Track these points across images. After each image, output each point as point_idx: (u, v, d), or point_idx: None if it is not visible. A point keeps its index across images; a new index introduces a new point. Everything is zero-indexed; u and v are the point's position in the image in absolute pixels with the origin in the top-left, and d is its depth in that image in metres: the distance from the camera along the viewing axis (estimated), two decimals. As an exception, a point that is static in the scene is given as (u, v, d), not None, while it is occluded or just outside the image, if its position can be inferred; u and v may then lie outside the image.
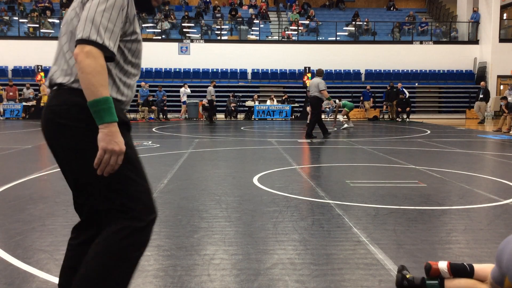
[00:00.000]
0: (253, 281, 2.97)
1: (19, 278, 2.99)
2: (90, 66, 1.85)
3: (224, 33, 26.91)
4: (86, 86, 1.86)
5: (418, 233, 4.02)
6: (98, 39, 1.88)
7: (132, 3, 2.05)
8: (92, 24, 1.89)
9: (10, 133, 14.28)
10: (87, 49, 1.87)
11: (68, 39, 2.04)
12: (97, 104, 1.86)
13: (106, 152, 1.89)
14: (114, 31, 1.93)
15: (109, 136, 1.89)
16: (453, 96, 25.38)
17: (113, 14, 1.93)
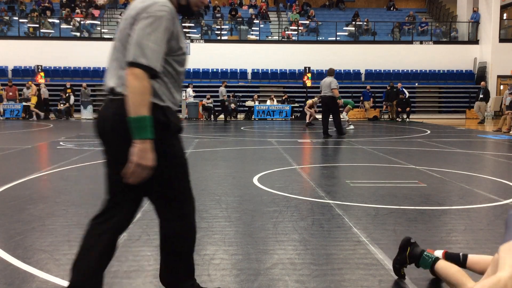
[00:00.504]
0: (253, 281, 2.97)
1: (19, 278, 2.99)
2: (135, 87, 2.12)
3: (224, 33, 26.91)
4: (130, 103, 2.14)
5: (418, 233, 4.02)
6: (144, 61, 2.14)
7: (176, 21, 2.28)
8: (140, 48, 2.14)
9: (10, 133, 14.28)
10: (135, 71, 2.13)
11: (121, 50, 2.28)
12: (135, 121, 2.13)
13: (137, 166, 2.16)
14: (159, 51, 2.18)
15: (142, 152, 2.15)
16: (453, 96, 25.38)
17: (158, 36, 2.18)
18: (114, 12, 28.78)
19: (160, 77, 2.25)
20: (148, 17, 2.18)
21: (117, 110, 2.24)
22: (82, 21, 26.26)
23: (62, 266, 3.18)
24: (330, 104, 13.12)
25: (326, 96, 13.11)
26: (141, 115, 2.13)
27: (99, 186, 6.03)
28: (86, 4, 27.95)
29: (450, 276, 2.64)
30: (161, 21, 2.19)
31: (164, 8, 2.21)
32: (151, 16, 2.18)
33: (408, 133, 14.79)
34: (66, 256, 3.38)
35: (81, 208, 4.82)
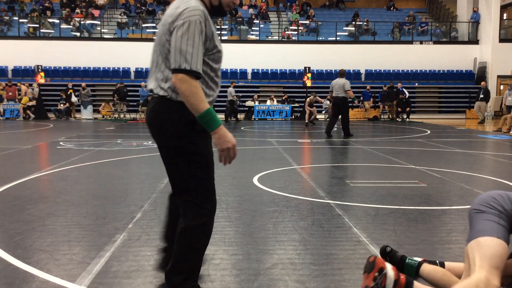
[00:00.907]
0: (253, 281, 2.97)
1: (19, 278, 2.99)
2: (186, 90, 2.31)
3: (224, 33, 26.90)
4: (190, 106, 2.34)
5: (418, 233, 4.02)
6: (186, 66, 2.32)
7: (209, 23, 2.42)
8: (180, 54, 2.32)
9: (10, 133, 14.28)
10: (180, 77, 2.32)
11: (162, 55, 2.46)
12: (202, 118, 2.34)
13: (223, 150, 2.42)
14: (199, 54, 2.35)
15: (220, 138, 2.40)
16: (453, 96, 25.38)
17: (195, 40, 2.34)
18: (114, 12, 28.79)
19: (202, 77, 2.43)
20: (183, 23, 2.33)
21: (153, 107, 2.51)
22: (82, 21, 26.26)
23: (62, 266, 3.18)
24: (341, 105, 13.24)
25: (338, 97, 13.23)
26: (203, 111, 2.33)
27: (99, 186, 6.05)
28: (86, 4, 27.95)
29: (438, 279, 2.65)
30: (195, 25, 2.33)
31: (196, 12, 2.34)
32: (185, 22, 2.33)
33: (408, 133, 14.79)
34: (66, 256, 3.38)
35: (81, 208, 4.83)
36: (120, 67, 25.20)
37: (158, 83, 2.48)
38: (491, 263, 2.28)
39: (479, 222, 2.45)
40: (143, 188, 5.83)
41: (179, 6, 2.39)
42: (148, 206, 4.91)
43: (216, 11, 2.54)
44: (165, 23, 2.43)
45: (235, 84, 21.94)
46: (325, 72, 25.70)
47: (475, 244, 2.38)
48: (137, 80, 24.56)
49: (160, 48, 2.46)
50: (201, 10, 2.37)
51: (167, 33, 2.40)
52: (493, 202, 2.50)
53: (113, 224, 4.21)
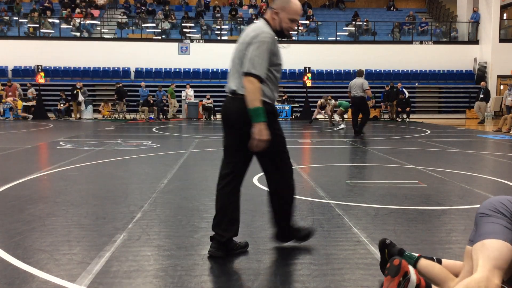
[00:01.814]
0: (253, 281, 2.97)
1: (19, 278, 2.99)
2: (250, 88, 3.17)
3: (224, 33, 26.91)
4: (248, 99, 3.19)
5: (418, 233, 4.02)
6: (253, 71, 3.18)
7: (275, 43, 3.30)
8: (251, 63, 3.19)
9: (10, 133, 14.28)
10: (248, 78, 3.18)
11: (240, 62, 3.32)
12: (252, 111, 3.17)
13: (258, 140, 3.19)
14: (264, 65, 3.21)
15: (259, 130, 3.17)
16: (453, 96, 25.39)
17: (264, 54, 3.21)
18: (114, 12, 28.79)
19: (265, 82, 3.26)
20: (257, 42, 3.22)
21: (240, 105, 3.25)
22: (82, 21, 26.26)
23: (62, 266, 3.18)
24: (360, 104, 13.60)
25: (357, 97, 13.55)
26: (256, 106, 3.16)
27: (99, 186, 6.05)
28: (86, 4, 27.95)
29: (435, 275, 2.65)
30: (266, 44, 3.22)
31: (268, 35, 3.26)
32: (259, 41, 3.22)
33: (408, 133, 14.79)
34: (66, 256, 3.38)
35: (81, 208, 4.83)
36: (120, 67, 25.20)
37: (241, 85, 3.28)
38: (494, 264, 2.29)
39: (485, 225, 2.45)
40: (143, 188, 5.83)
41: (256, 31, 3.29)
42: (148, 206, 4.91)
43: (279, 34, 3.39)
44: (243, 41, 3.31)
45: None
46: (325, 72, 25.70)
47: (480, 246, 2.38)
48: (137, 80, 24.56)
49: (240, 60, 3.32)
50: (271, 34, 3.29)
51: (245, 48, 3.27)
52: (500, 207, 2.50)
53: (113, 224, 4.21)
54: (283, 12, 3.36)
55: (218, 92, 23.87)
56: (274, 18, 3.38)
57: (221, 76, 25.41)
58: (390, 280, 2.45)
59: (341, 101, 17.97)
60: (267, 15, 3.42)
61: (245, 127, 3.25)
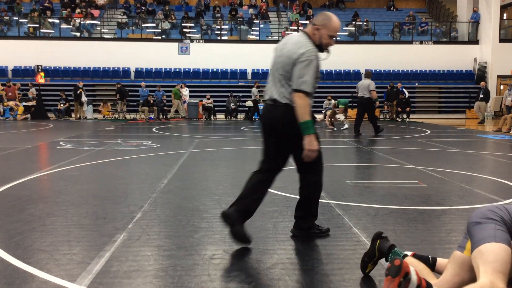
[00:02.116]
0: (253, 281, 2.97)
1: (19, 278, 2.99)
2: (300, 104, 3.45)
3: (224, 33, 26.90)
4: (298, 114, 3.46)
5: (418, 233, 4.02)
6: (303, 88, 3.46)
7: (318, 57, 3.55)
8: (300, 80, 3.46)
9: (10, 133, 14.28)
10: (299, 94, 3.46)
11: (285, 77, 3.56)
12: (303, 124, 3.46)
13: (309, 151, 3.49)
14: (311, 81, 3.48)
15: (310, 142, 3.47)
16: (453, 96, 25.38)
17: (310, 71, 3.48)
18: (114, 12, 28.79)
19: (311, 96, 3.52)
20: (305, 60, 3.47)
21: (283, 113, 3.57)
22: (82, 21, 26.26)
23: (62, 266, 3.18)
24: (366, 105, 13.73)
25: (364, 98, 13.71)
26: (306, 120, 3.45)
27: (99, 186, 6.05)
28: (86, 4, 27.95)
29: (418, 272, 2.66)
30: (312, 62, 3.48)
31: (313, 53, 3.51)
32: (307, 60, 3.47)
33: (408, 133, 14.79)
34: (66, 256, 3.38)
35: (81, 208, 4.83)
36: (120, 67, 25.20)
37: (283, 95, 3.57)
38: (494, 267, 2.29)
39: (477, 233, 2.47)
40: (143, 188, 5.83)
41: (301, 47, 3.51)
42: (148, 206, 4.91)
43: (318, 48, 3.61)
44: (289, 57, 3.53)
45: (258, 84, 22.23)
46: (325, 72, 25.68)
47: (477, 253, 2.39)
48: (137, 80, 24.56)
49: (284, 73, 3.56)
50: (316, 51, 3.54)
51: (291, 63, 3.51)
52: (490, 214, 2.52)
53: (113, 224, 4.21)
54: (324, 29, 3.63)
55: (218, 92, 23.89)
56: (315, 34, 3.64)
57: (221, 76, 25.41)
58: (390, 281, 2.43)
59: (339, 99, 17.95)
60: (308, 29, 3.69)
61: (285, 132, 3.60)
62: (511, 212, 2.53)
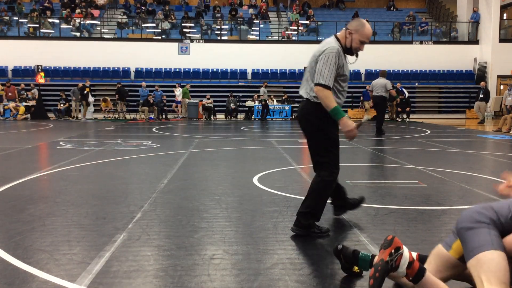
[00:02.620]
0: (253, 281, 2.97)
1: (19, 278, 2.99)
2: (322, 95, 3.76)
3: (224, 33, 26.90)
4: (324, 105, 3.77)
5: (418, 233, 4.02)
6: (322, 81, 3.75)
7: (342, 58, 3.85)
8: (320, 74, 3.78)
9: (10, 133, 14.28)
10: (318, 88, 3.77)
11: (311, 74, 3.92)
12: (332, 112, 3.75)
13: (347, 132, 3.77)
14: (331, 76, 3.77)
15: (344, 125, 3.77)
16: (453, 96, 25.38)
17: (330, 67, 3.77)
18: (114, 12, 28.79)
19: (332, 89, 3.80)
20: (324, 55, 3.80)
21: (303, 107, 3.99)
22: (82, 21, 26.26)
23: (62, 266, 3.18)
24: (379, 103, 13.94)
25: (378, 96, 13.89)
26: (332, 108, 3.74)
27: (99, 186, 6.05)
28: (86, 4, 27.95)
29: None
30: (332, 57, 3.78)
31: (334, 50, 3.81)
32: (325, 55, 3.79)
33: (408, 133, 14.79)
34: (66, 256, 3.38)
35: (81, 208, 4.83)
36: (120, 67, 25.20)
37: (307, 91, 3.94)
38: (498, 277, 2.29)
39: (472, 239, 2.45)
40: (143, 188, 5.83)
41: (324, 46, 3.88)
42: (148, 206, 4.91)
43: (347, 51, 3.96)
44: (314, 55, 3.91)
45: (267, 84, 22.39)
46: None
47: (476, 262, 2.38)
48: (137, 80, 24.56)
49: (311, 71, 3.90)
50: (337, 49, 3.83)
51: (315, 61, 3.87)
52: (480, 216, 2.50)
53: (113, 224, 4.21)
54: (356, 34, 3.92)
55: (218, 92, 23.89)
56: (347, 37, 3.96)
57: (221, 76, 25.40)
58: (382, 253, 2.57)
59: None
60: (340, 33, 4.04)
61: (303, 125, 3.99)
62: (498, 211, 2.52)
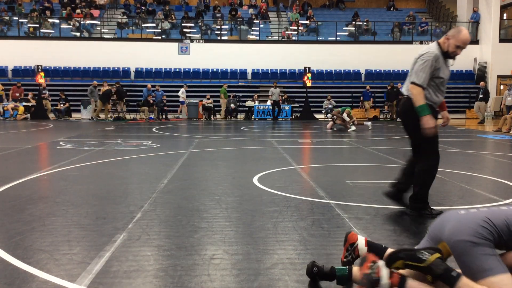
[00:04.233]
0: (253, 281, 2.97)
1: (19, 278, 2.99)
2: (413, 93, 4.36)
3: (224, 33, 26.90)
4: (414, 101, 4.35)
5: (418, 233, 4.02)
6: (416, 81, 4.33)
7: (439, 61, 4.34)
8: (415, 74, 4.36)
9: (10, 133, 14.28)
10: (411, 85, 4.38)
11: (410, 74, 4.47)
12: (418, 109, 4.31)
13: (427, 128, 4.29)
14: (424, 77, 4.32)
15: (426, 121, 4.28)
16: (453, 96, 25.35)
17: (426, 69, 4.32)
18: (114, 12, 28.78)
19: (426, 88, 4.36)
20: (421, 59, 4.36)
21: (403, 103, 4.57)
22: (82, 21, 26.26)
23: (62, 266, 3.18)
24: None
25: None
26: (420, 104, 4.30)
27: (99, 186, 6.05)
28: (86, 4, 27.94)
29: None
30: (428, 61, 4.32)
31: (431, 54, 4.33)
32: (423, 59, 4.35)
33: (408, 133, 14.75)
34: (66, 256, 3.38)
35: (81, 208, 4.83)
36: (120, 67, 25.20)
37: (407, 89, 4.49)
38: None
39: (480, 258, 2.40)
40: (143, 188, 5.83)
41: (425, 50, 4.40)
42: (148, 206, 4.91)
43: (445, 55, 4.42)
44: (415, 57, 4.43)
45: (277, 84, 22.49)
46: (325, 72, 25.70)
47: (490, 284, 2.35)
48: (137, 80, 24.57)
49: (411, 71, 4.44)
50: (435, 54, 4.33)
51: (415, 63, 4.41)
52: (482, 230, 2.45)
53: (113, 224, 4.21)
54: (453, 39, 4.36)
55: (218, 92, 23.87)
56: (445, 42, 4.42)
57: (221, 76, 25.40)
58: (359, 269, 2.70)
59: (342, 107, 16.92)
60: (442, 39, 4.47)
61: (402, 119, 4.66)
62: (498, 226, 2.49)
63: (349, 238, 3.03)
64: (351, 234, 3.06)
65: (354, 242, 3.00)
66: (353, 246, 2.99)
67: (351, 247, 3.00)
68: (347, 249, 3.01)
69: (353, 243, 3.00)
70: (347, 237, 3.05)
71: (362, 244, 2.98)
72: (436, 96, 4.44)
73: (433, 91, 4.41)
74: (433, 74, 4.33)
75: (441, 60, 4.34)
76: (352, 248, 2.99)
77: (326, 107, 22.35)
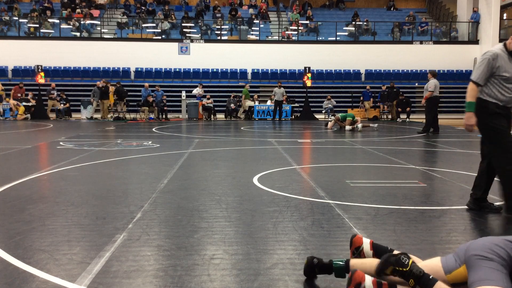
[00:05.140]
0: (253, 281, 2.97)
1: (19, 278, 2.99)
2: (468, 88, 4.60)
3: (224, 33, 26.90)
4: (467, 95, 4.61)
5: (418, 233, 4.02)
6: (473, 78, 4.57)
7: (499, 60, 4.50)
8: (473, 72, 4.57)
9: (10, 133, 14.28)
10: (470, 82, 4.59)
11: None
12: (466, 103, 4.62)
13: (467, 124, 4.67)
14: (481, 75, 4.53)
15: (468, 117, 4.63)
16: (453, 96, 25.36)
17: (482, 67, 4.53)
18: (114, 12, 28.78)
19: (488, 86, 4.57)
20: (481, 58, 4.59)
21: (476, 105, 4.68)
22: (82, 21, 26.26)
23: (62, 266, 3.18)
24: (434, 103, 14.59)
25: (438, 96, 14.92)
26: (468, 101, 4.59)
27: (99, 186, 6.05)
28: (86, 4, 27.94)
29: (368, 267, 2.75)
30: (485, 59, 4.53)
31: (489, 53, 4.53)
32: (482, 58, 4.57)
33: (408, 133, 14.79)
34: (66, 256, 3.38)
35: (81, 208, 4.83)
36: (120, 67, 25.20)
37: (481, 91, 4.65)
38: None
39: (484, 269, 2.39)
40: (143, 188, 5.83)
41: (488, 50, 4.60)
42: (148, 206, 4.91)
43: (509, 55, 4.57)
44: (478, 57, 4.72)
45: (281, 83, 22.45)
46: (325, 72, 25.69)
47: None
48: (137, 80, 24.56)
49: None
50: (494, 53, 4.52)
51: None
52: (497, 249, 2.43)
53: (113, 224, 4.21)
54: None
55: (218, 92, 23.89)
56: (510, 43, 4.60)
57: (221, 76, 25.40)
58: None
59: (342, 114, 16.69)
60: (509, 39, 4.65)
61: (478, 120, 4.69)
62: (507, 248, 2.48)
63: (355, 241, 3.05)
64: (356, 237, 3.06)
65: (359, 245, 3.02)
66: (358, 249, 3.01)
67: (357, 250, 3.02)
68: (353, 252, 3.03)
69: (359, 246, 3.02)
70: (352, 240, 3.06)
71: (367, 247, 3.00)
72: (502, 94, 4.54)
73: (497, 90, 4.53)
74: (494, 72, 4.48)
75: (504, 59, 4.51)
76: (358, 252, 3.01)
77: (326, 107, 22.35)
